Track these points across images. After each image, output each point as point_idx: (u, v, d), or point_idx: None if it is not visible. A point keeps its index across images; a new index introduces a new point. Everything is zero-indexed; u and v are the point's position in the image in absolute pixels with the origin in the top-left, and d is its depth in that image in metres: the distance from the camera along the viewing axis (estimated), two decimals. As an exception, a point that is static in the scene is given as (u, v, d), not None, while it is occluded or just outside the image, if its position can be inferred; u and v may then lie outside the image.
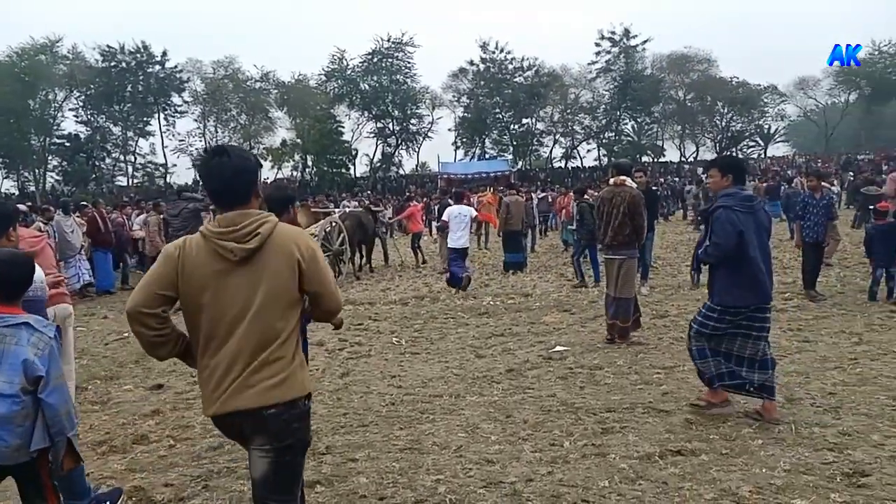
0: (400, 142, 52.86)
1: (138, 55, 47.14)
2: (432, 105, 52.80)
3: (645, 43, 49.71)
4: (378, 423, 4.80)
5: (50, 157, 46.41)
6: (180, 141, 50.12)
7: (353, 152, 51.93)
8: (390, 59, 50.71)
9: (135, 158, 49.58)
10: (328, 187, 43.59)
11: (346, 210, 16.01)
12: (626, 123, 53.18)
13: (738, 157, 7.46)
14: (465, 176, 41.95)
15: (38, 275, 3.10)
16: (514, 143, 52.32)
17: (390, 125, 52.26)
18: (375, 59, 50.34)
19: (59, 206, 12.49)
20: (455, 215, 11.31)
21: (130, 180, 49.15)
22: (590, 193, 12.89)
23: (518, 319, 8.56)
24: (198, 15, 79.68)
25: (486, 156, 50.63)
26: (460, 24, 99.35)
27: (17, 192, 43.82)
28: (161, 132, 49.25)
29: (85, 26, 73.96)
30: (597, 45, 50.14)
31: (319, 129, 47.79)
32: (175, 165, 50.95)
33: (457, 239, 11.15)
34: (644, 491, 3.50)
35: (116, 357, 7.57)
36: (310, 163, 50.73)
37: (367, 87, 50.79)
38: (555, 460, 3.96)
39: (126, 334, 8.81)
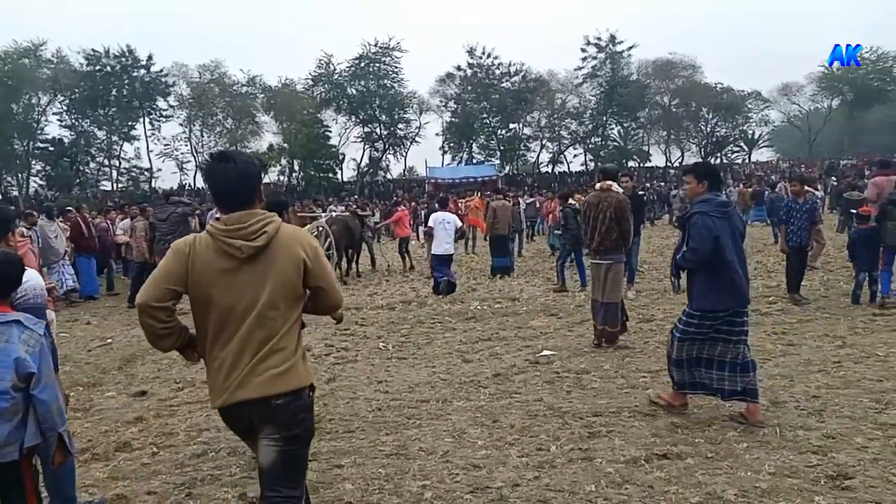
0: (387, 146, 52.84)
1: (123, 59, 46.88)
2: (420, 110, 52.89)
3: (630, 49, 50.24)
4: (364, 428, 4.78)
5: (33, 162, 46.03)
6: (165, 145, 50.02)
7: (341, 157, 51.92)
8: (377, 64, 50.70)
9: (119, 163, 49.32)
10: (315, 192, 43.46)
11: (333, 214, 15.96)
12: (613, 128, 53.62)
13: (713, 164, 7.56)
14: (453, 180, 42.03)
15: (39, 281, 3.11)
16: (502, 148, 52.48)
17: (377, 130, 52.22)
18: (363, 64, 50.30)
19: (43, 211, 12.36)
20: (440, 221, 11.32)
21: (115, 185, 48.82)
22: (576, 198, 12.93)
23: (505, 324, 8.56)
24: (184, 19, 79.42)
25: (474, 160, 50.77)
26: (447, 30, 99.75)
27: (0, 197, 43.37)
28: (146, 136, 49.07)
29: (70, 30, 73.28)
30: (583, 50, 50.61)
31: (306, 133, 47.69)
32: (160, 170, 50.84)
33: (443, 245, 11.15)
34: (630, 495, 3.51)
35: (99, 363, 7.48)
36: (297, 167, 50.62)
37: (355, 92, 50.73)
38: (541, 465, 3.96)
39: (109, 340, 8.73)
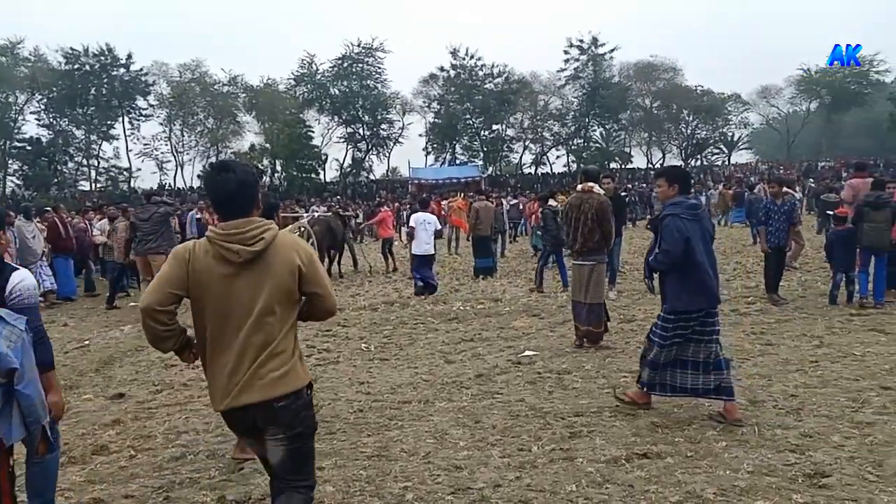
0: (370, 147, 52.73)
1: (102, 58, 46.33)
2: (403, 110, 52.87)
3: (612, 51, 50.63)
4: (346, 430, 4.75)
5: (10, 161, 45.31)
6: (145, 145, 49.56)
7: (323, 157, 51.67)
8: (361, 65, 50.60)
9: (98, 162, 48.71)
10: (298, 192, 43.23)
11: (316, 215, 15.88)
12: (595, 130, 53.94)
13: (683, 168, 7.72)
14: (436, 181, 42.02)
15: (32, 281, 3.08)
16: (485, 149, 52.57)
17: (360, 130, 52.10)
18: (346, 64, 50.17)
19: (21, 211, 12.16)
20: (421, 222, 11.33)
21: (93, 185, 48.22)
22: (560, 199, 12.98)
23: (488, 324, 8.57)
24: (164, 18, 78.61)
25: (457, 161, 50.83)
26: (431, 31, 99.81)
27: (-26, 197, 42.62)
28: (125, 136, 48.54)
29: (47, 29, 72.20)
30: (565, 52, 50.90)
31: (289, 133, 47.43)
32: (139, 170, 50.27)
33: (423, 246, 11.17)
34: (611, 494, 3.52)
35: (76, 366, 7.37)
36: (279, 167, 50.31)
37: (338, 92, 50.58)
38: (523, 465, 3.96)
39: (86, 342, 8.61)
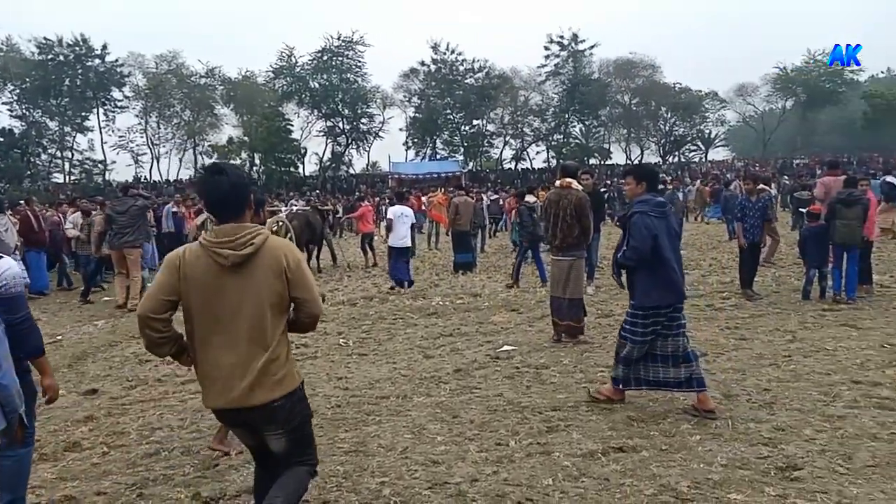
0: (350, 141, 52.41)
1: (77, 48, 45.53)
2: (383, 105, 52.61)
3: (592, 48, 50.84)
4: (323, 425, 4.73)
5: (-19, 153, 44.33)
6: (120, 137, 48.84)
7: (302, 151, 51.30)
8: (340, 58, 50.18)
9: (72, 154, 47.90)
10: (276, 186, 42.89)
11: (294, 209, 15.76)
12: (575, 126, 54.18)
13: (651, 166, 7.85)
14: (416, 176, 41.90)
15: (17, 270, 3.05)
16: (465, 144, 52.57)
17: (340, 124, 51.73)
18: (325, 58, 49.73)
19: (-8, 204, 11.88)
20: (399, 215, 11.33)
21: (67, 177, 47.40)
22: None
23: (467, 319, 8.57)
24: (141, 7, 77.35)
25: (437, 156, 50.74)
26: (411, 25, 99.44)
27: (-57, 189, 41.65)
28: (100, 128, 47.75)
29: (20, 19, 70.60)
30: (546, 48, 51.01)
31: (267, 126, 47.00)
32: (114, 162, 49.60)
33: (399, 239, 11.17)
34: (586, 488, 3.55)
35: (49, 361, 7.22)
36: (257, 161, 49.84)
37: (317, 86, 50.14)
38: (500, 460, 3.98)
39: (59, 337, 8.47)
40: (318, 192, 38.19)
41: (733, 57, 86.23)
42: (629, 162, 53.83)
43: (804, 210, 10.22)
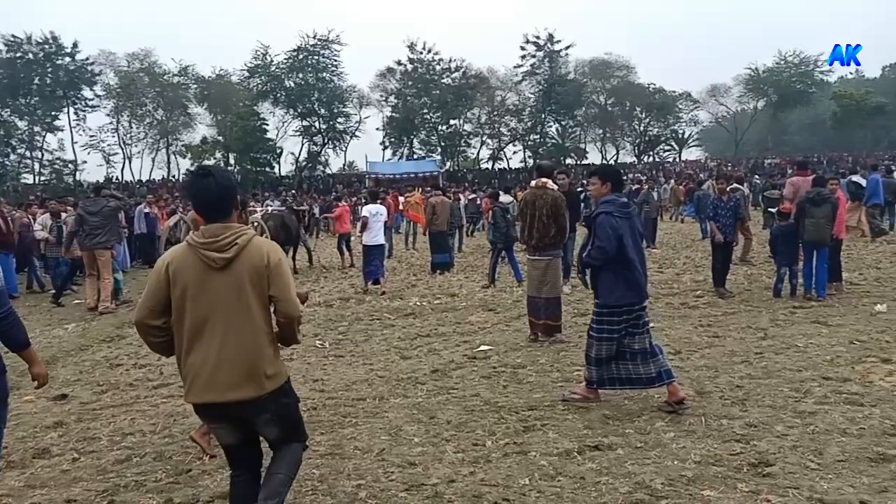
0: (326, 140, 52.12)
1: (46, 46, 44.71)
2: (360, 104, 52.44)
3: (568, 48, 51.23)
4: (298, 428, 4.68)
5: (-53, 153, 43.32)
6: (91, 136, 48.07)
7: (278, 151, 50.91)
8: (316, 57, 49.88)
9: (42, 154, 46.99)
10: (252, 186, 42.48)
11: (269, 209, 15.62)
12: (551, 126, 54.56)
13: (616, 167, 7.97)
14: (394, 176, 41.77)
15: None
16: (442, 144, 52.60)
17: (316, 123, 51.42)
18: (301, 56, 49.39)
19: (-43, 206, 11.60)
20: (374, 213, 11.32)
21: (37, 178, 46.48)
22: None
23: (444, 320, 8.57)
24: (111, 4, 76.06)
25: (415, 156, 50.69)
26: (387, 24, 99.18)
27: None
28: (70, 127, 46.96)
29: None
30: (522, 48, 51.27)
31: (242, 126, 46.58)
32: (85, 162, 48.83)
33: (373, 237, 11.16)
34: (563, 487, 3.56)
35: (16, 366, 6.98)
36: (232, 161, 49.33)
37: (293, 85, 49.80)
38: (477, 460, 3.98)
39: (28, 342, 8.28)
40: (294, 192, 37.87)
41: (706, 58, 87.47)
42: (605, 162, 54.37)
43: (773, 210, 10.40)
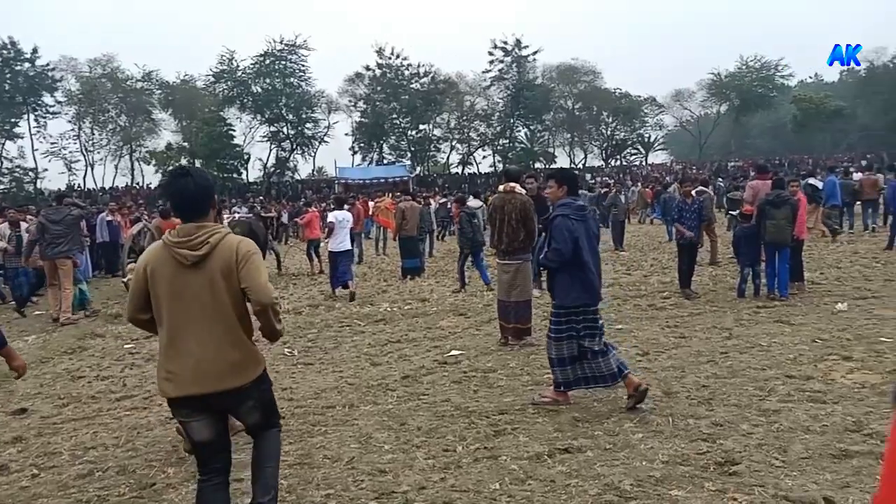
0: (295, 146, 51.72)
1: (5, 51, 43.56)
2: (328, 109, 52.15)
3: (535, 54, 51.69)
4: (267, 438, 4.61)
5: None
6: (52, 144, 46.88)
7: (246, 156, 50.31)
8: (283, 62, 49.51)
9: (1, 162, 45.60)
10: (219, 192, 41.79)
11: (237, 216, 15.42)
12: (520, 131, 54.98)
13: (572, 171, 8.15)
14: (364, 181, 41.64)
15: None
16: (412, 149, 52.58)
17: (284, 129, 51.00)
18: (268, 61, 48.97)
19: None
20: (340, 220, 11.28)
21: (-4, 186, 45.18)
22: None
23: (415, 325, 8.54)
24: (72, 7, 74.49)
25: (385, 161, 50.57)
26: (355, 29, 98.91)
27: None
28: (31, 134, 45.74)
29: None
30: (490, 53, 51.57)
31: (208, 132, 45.95)
32: (46, 170, 47.63)
33: (339, 243, 11.12)
34: (533, 490, 3.57)
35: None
36: (198, 167, 48.60)
37: (260, 90, 49.33)
38: (447, 466, 3.96)
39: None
40: (262, 198, 37.44)
41: (670, 65, 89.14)
42: (573, 165, 54.90)
43: (734, 212, 10.60)
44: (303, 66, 50.09)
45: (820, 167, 31.03)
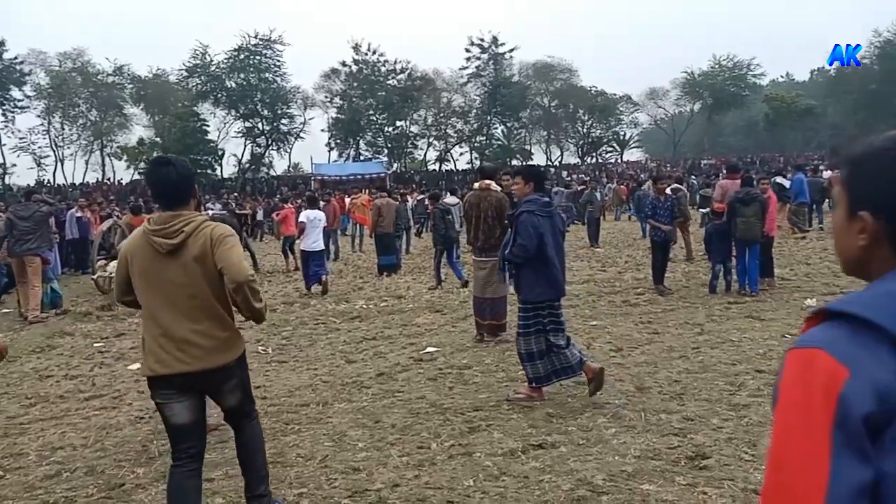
0: (270, 142, 51.21)
1: (-30, 44, 42.42)
2: (304, 105, 51.74)
3: (512, 51, 51.76)
4: (239, 437, 4.56)
5: None
6: (21, 139, 45.82)
7: (220, 152, 49.68)
8: (258, 57, 48.97)
9: (-33, 158, 44.54)
10: (193, 189, 41.28)
11: (210, 213, 15.22)
12: (497, 128, 55.02)
13: (539, 167, 8.24)
14: (340, 178, 41.39)
15: None
16: (389, 146, 52.38)
17: (259, 125, 50.48)
18: (242, 56, 48.40)
19: None
20: (312, 219, 11.21)
21: (-38, 182, 44.10)
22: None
23: (390, 322, 8.52)
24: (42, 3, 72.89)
25: (361, 157, 50.30)
26: (330, 25, 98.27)
27: None
28: (-2, 129, 44.60)
29: None
30: (467, 50, 51.55)
31: (181, 127, 45.28)
32: (15, 165, 46.57)
33: (312, 243, 11.06)
34: (507, 487, 3.58)
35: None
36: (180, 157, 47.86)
37: (234, 85, 48.76)
38: (422, 463, 3.96)
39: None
40: (236, 194, 37.03)
41: (645, 64, 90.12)
42: (550, 163, 55.19)
43: (704, 210, 10.75)
44: (278, 61, 49.67)
45: (791, 165, 31.53)
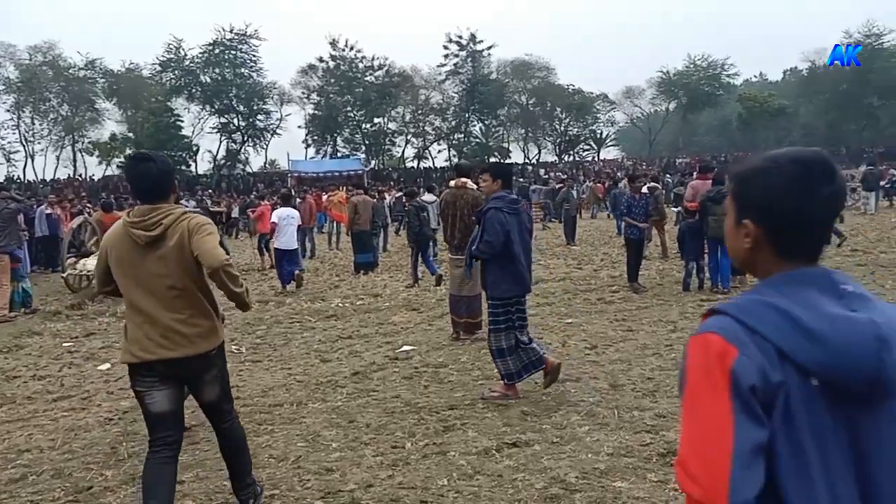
0: (246, 138, 50.75)
1: (-65, 35, 41.38)
2: (281, 101, 51.30)
3: (490, 48, 51.91)
4: (210, 438, 4.45)
5: None
6: (-10, 134, 44.76)
7: (194, 148, 49.11)
8: (234, 52, 48.48)
9: (-66, 153, 43.51)
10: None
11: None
12: (475, 125, 55.20)
13: (507, 165, 8.34)
14: (317, 174, 41.11)
15: None
16: (367, 143, 52.21)
17: (235, 120, 49.99)
18: (217, 51, 47.88)
19: None
20: (285, 217, 11.13)
21: (-72, 177, 42.99)
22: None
23: (367, 320, 8.48)
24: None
25: (339, 154, 50.05)
26: (307, 20, 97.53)
27: None
28: (-34, 124, 43.62)
29: None
30: (445, 47, 51.64)
31: (154, 122, 44.73)
32: (-17, 161, 45.43)
33: (286, 242, 10.99)
34: (481, 486, 3.58)
35: None
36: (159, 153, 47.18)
37: (209, 80, 48.22)
38: (396, 463, 3.95)
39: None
40: (211, 191, 36.60)
41: (621, 63, 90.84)
42: (527, 160, 55.44)
43: (676, 209, 10.86)
44: (254, 56, 49.34)
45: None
